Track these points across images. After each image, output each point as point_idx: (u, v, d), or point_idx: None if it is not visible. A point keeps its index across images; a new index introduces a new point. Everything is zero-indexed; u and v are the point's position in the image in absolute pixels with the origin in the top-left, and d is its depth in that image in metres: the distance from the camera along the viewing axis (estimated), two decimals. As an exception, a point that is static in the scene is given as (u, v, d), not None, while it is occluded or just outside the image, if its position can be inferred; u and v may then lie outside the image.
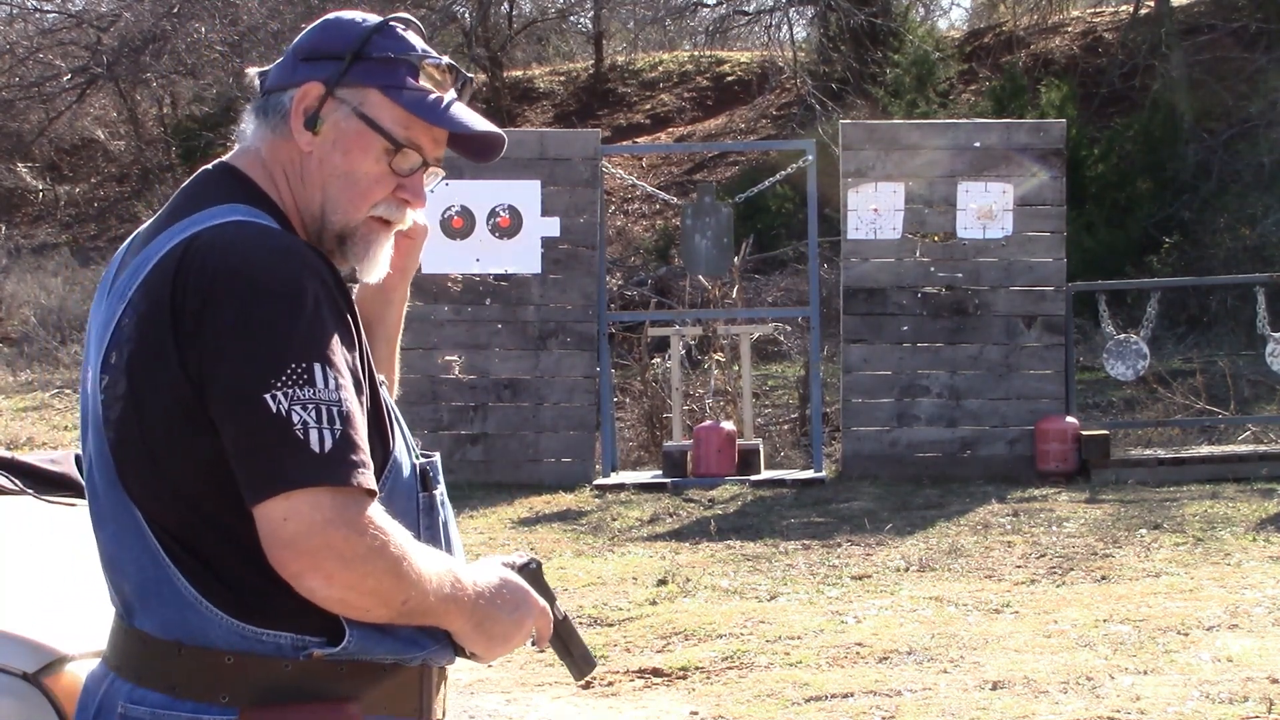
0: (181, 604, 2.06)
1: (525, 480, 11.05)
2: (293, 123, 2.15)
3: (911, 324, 11.29)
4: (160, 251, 2.07)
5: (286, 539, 1.97)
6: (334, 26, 2.19)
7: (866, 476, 10.98)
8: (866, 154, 11.37)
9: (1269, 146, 17.83)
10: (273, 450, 1.97)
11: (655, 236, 20.38)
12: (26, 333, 18.88)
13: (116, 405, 2.07)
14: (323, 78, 2.14)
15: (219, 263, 2.02)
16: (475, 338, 11.40)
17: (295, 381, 1.98)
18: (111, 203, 25.11)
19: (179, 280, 2.03)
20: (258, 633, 2.05)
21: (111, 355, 2.07)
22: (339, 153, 2.15)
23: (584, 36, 28.97)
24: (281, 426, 1.97)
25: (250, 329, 1.99)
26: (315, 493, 1.97)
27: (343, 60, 2.14)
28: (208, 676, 2.06)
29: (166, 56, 23.74)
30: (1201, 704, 5.47)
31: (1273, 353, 11.23)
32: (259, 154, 2.18)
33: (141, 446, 2.05)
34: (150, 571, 2.07)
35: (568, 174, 11.50)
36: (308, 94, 2.14)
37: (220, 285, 2.01)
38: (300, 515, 1.96)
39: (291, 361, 1.98)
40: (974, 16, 27.81)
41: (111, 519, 2.11)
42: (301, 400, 1.98)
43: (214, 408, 2.00)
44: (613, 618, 7.21)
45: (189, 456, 2.04)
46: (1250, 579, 7.48)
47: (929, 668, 6.10)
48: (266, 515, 1.97)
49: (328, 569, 1.98)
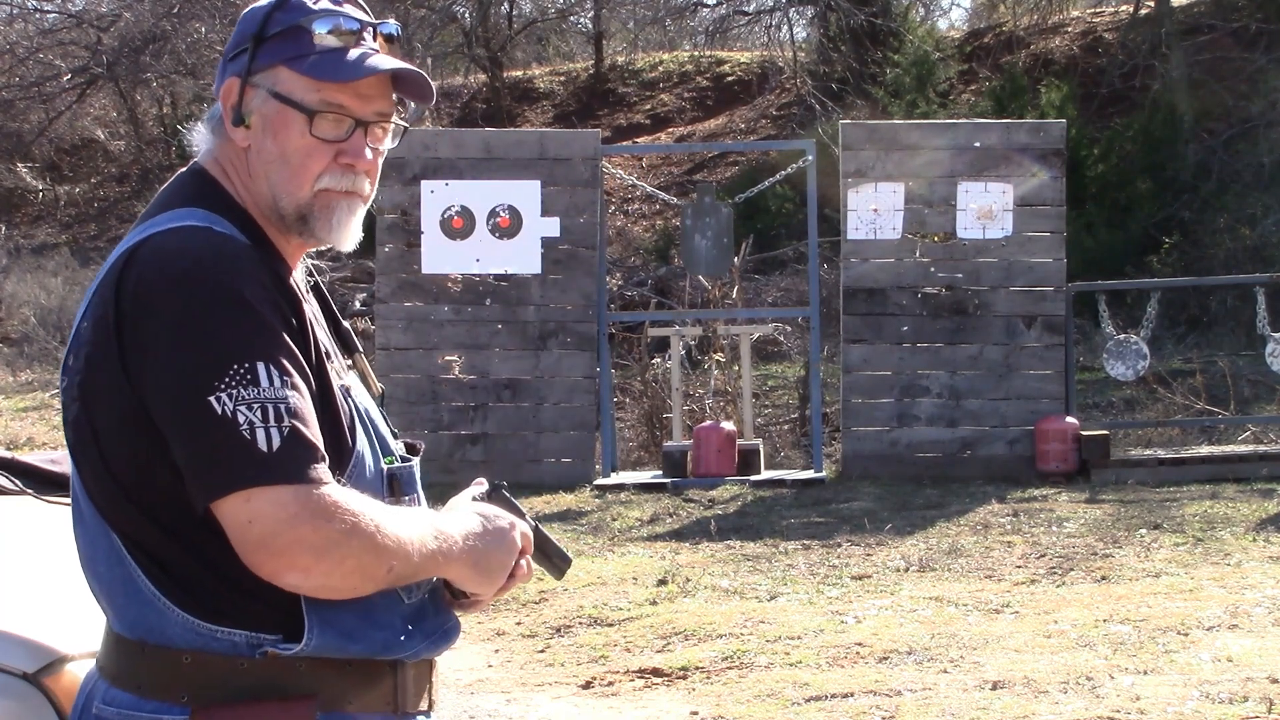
0: (142, 601, 2.08)
1: (525, 480, 11.04)
2: (226, 123, 2.17)
3: (911, 324, 11.29)
4: (114, 256, 2.11)
5: (256, 541, 1.98)
6: (244, 18, 2.19)
7: (866, 476, 10.98)
8: (866, 154, 11.37)
9: (1269, 146, 17.83)
10: (220, 452, 1.97)
11: (655, 236, 20.39)
12: (26, 333, 18.88)
13: (73, 406, 2.10)
14: (238, 71, 2.16)
15: (156, 269, 2.03)
16: (475, 338, 11.40)
17: (239, 382, 1.98)
18: (111, 203, 25.11)
19: (122, 286, 2.05)
20: (213, 630, 2.06)
21: (70, 357, 2.11)
22: (269, 138, 2.15)
23: (584, 36, 28.97)
24: (228, 428, 1.97)
25: (189, 333, 1.99)
26: (274, 490, 1.97)
27: (246, 48, 2.16)
28: (168, 676, 2.07)
29: (166, 56, 23.75)
30: (1201, 704, 5.47)
31: (1273, 353, 11.23)
32: (214, 158, 2.21)
33: (93, 448, 2.08)
34: (117, 570, 2.09)
35: (568, 174, 11.50)
36: (230, 91, 2.16)
37: (157, 291, 2.02)
38: (264, 516, 1.97)
39: (234, 362, 1.98)
40: (974, 16, 27.82)
41: (82, 518, 2.14)
42: (246, 400, 1.97)
43: (157, 414, 2.01)
44: (613, 618, 7.22)
45: (134, 460, 2.05)
46: (1250, 579, 7.48)
47: (929, 668, 6.10)
48: (229, 519, 1.99)
49: (303, 563, 1.98)
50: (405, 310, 11.44)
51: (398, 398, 11.32)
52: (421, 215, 11.40)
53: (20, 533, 3.48)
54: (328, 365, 2.13)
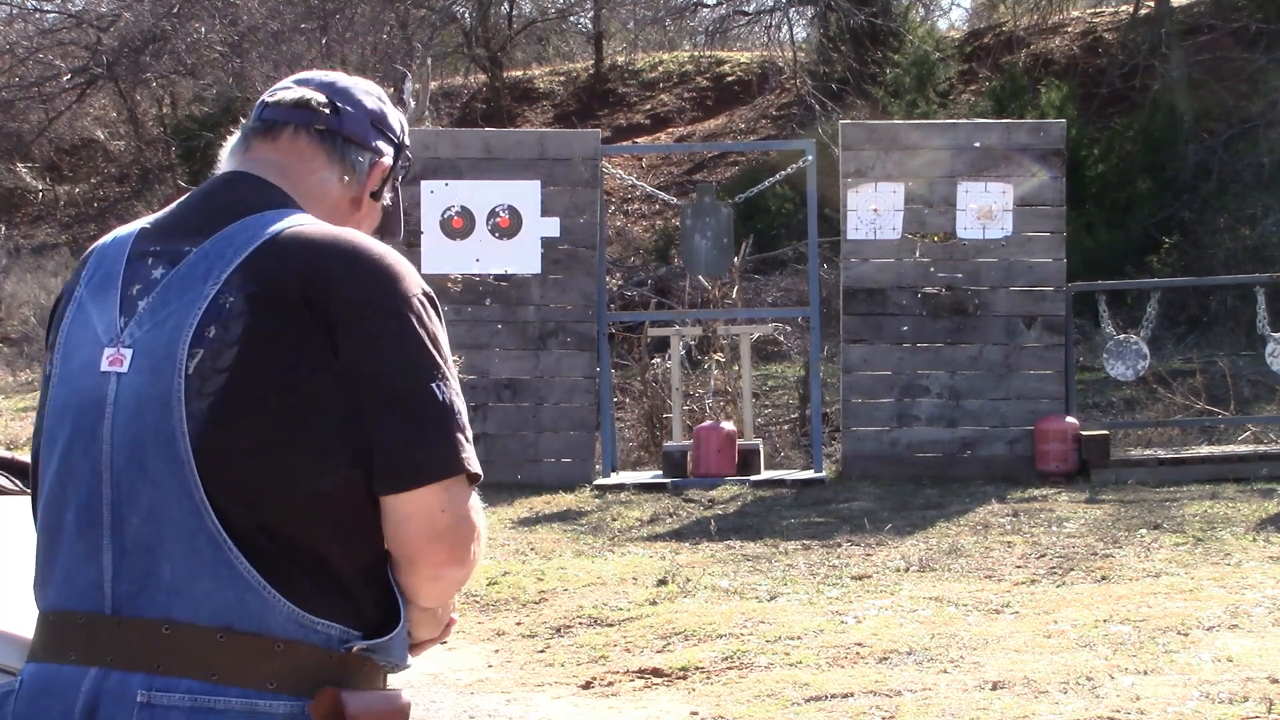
0: (242, 587, 2.05)
1: (525, 480, 11.05)
2: (366, 189, 2.34)
3: (911, 324, 11.29)
4: (253, 238, 2.14)
5: (441, 530, 2.08)
6: (390, 107, 2.40)
7: (866, 476, 10.98)
8: (866, 154, 11.37)
9: (1269, 146, 17.84)
10: (440, 438, 2.08)
11: (655, 236, 20.39)
12: (26, 333, 18.89)
13: (217, 377, 2.06)
14: (389, 159, 2.37)
15: (359, 258, 2.14)
16: (475, 338, 11.40)
17: (448, 374, 2.13)
18: (111, 203, 25.10)
19: (308, 265, 2.10)
20: (314, 622, 2.07)
21: (209, 329, 2.08)
22: (366, 223, 2.36)
23: (584, 36, 28.97)
24: (447, 416, 2.09)
25: (410, 326, 2.12)
26: (460, 482, 2.10)
27: (396, 147, 2.39)
28: (255, 662, 2.05)
29: (166, 56, 23.74)
30: (1201, 704, 5.47)
31: (1273, 353, 11.23)
32: (320, 190, 2.30)
33: (246, 419, 2.06)
34: (206, 553, 2.05)
35: (568, 174, 11.50)
36: (385, 170, 2.37)
37: (367, 266, 2.13)
38: (456, 505, 2.09)
39: (441, 358, 2.13)
40: (974, 17, 27.81)
41: (151, 498, 2.07)
42: (457, 391, 2.13)
43: (374, 394, 2.07)
44: (613, 618, 7.21)
45: (308, 434, 2.06)
46: (1250, 579, 7.48)
47: (929, 668, 6.10)
48: (422, 504, 2.07)
49: (464, 555, 2.12)
50: (405, 310, 11.43)
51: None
52: (421, 215, 11.40)
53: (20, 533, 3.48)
54: None
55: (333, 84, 2.36)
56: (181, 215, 2.22)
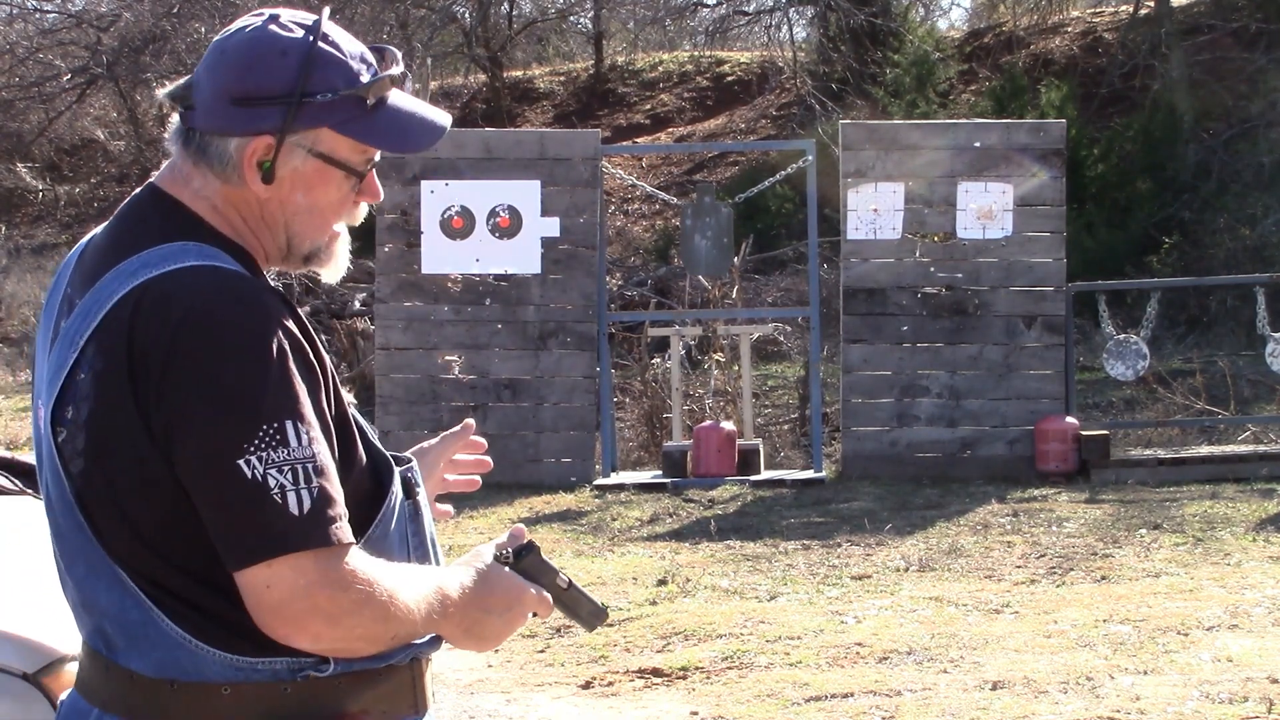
0: (171, 644, 2.03)
1: (525, 480, 11.04)
2: (246, 175, 2.06)
3: (911, 324, 11.29)
4: (111, 298, 2.01)
5: (271, 606, 1.95)
6: (260, 64, 2.04)
7: (866, 476, 10.98)
8: (866, 154, 11.37)
9: (1269, 146, 17.84)
10: (252, 518, 1.93)
11: (655, 236, 20.39)
12: (26, 333, 18.89)
13: (77, 460, 2.02)
14: (269, 129, 2.05)
15: (179, 318, 1.95)
16: (475, 338, 11.40)
17: (269, 444, 1.93)
18: (111, 203, 25.09)
19: (135, 335, 1.97)
20: (253, 662, 2.03)
21: (67, 410, 2.02)
22: (300, 192, 2.09)
23: (584, 36, 28.97)
24: (259, 494, 1.92)
25: (218, 390, 1.94)
26: (297, 557, 1.93)
27: (284, 105, 2.04)
28: (206, 709, 2.04)
29: (166, 56, 23.74)
30: (1201, 704, 5.47)
31: (1273, 353, 11.23)
32: (209, 199, 2.09)
33: (108, 502, 2.01)
34: (134, 614, 2.03)
35: (568, 174, 11.50)
36: (257, 149, 2.06)
37: (183, 342, 1.95)
38: (284, 581, 1.93)
39: (263, 423, 1.93)
40: (974, 17, 27.82)
41: (81, 561, 2.07)
42: (277, 463, 1.93)
43: (183, 472, 1.96)
44: (613, 618, 7.21)
45: (155, 511, 2.00)
46: (1250, 579, 7.48)
47: (929, 668, 6.10)
48: (249, 583, 1.95)
49: (315, 630, 1.97)
50: (405, 310, 11.44)
51: (397, 398, 11.33)
52: (421, 215, 11.39)
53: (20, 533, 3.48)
54: (341, 390, 2.11)
55: (209, 56, 2.08)
56: (97, 244, 2.11)
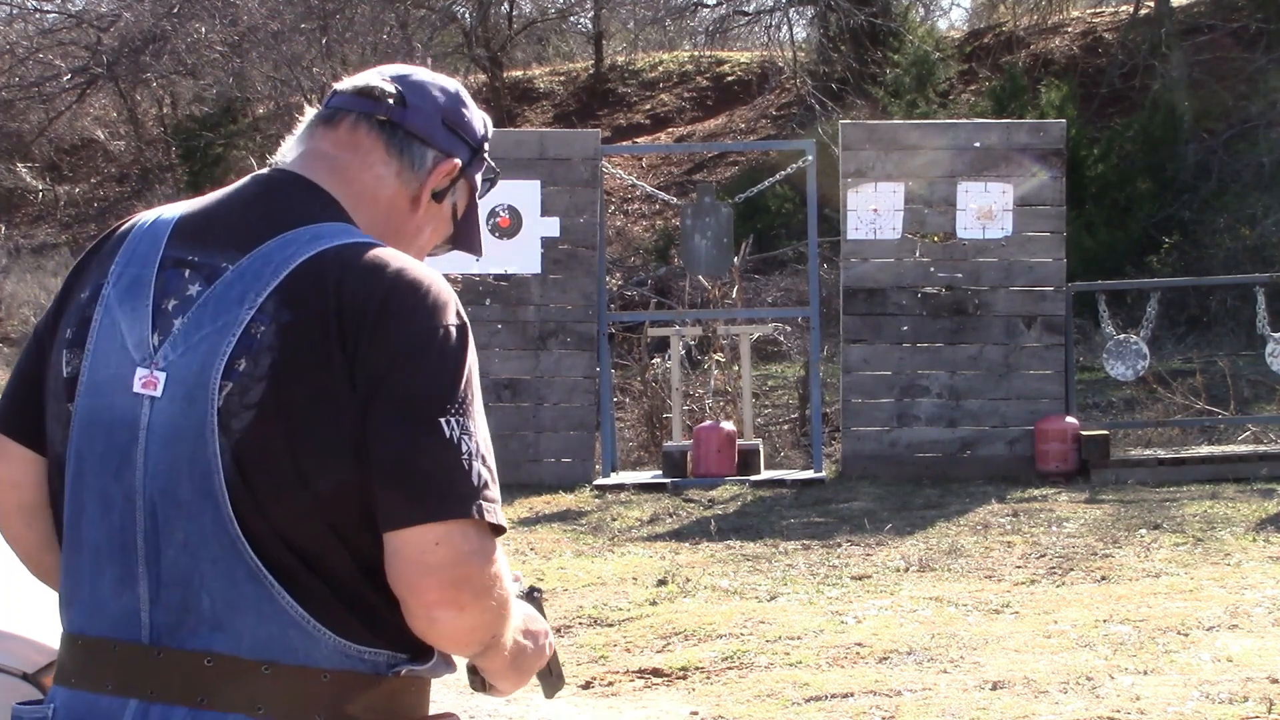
0: (284, 622, 1.99)
1: (525, 480, 11.05)
2: (427, 185, 2.21)
3: (911, 324, 11.29)
4: (291, 260, 2.03)
5: (433, 565, 1.95)
6: (468, 106, 2.27)
7: (866, 476, 10.98)
8: (866, 154, 11.37)
9: (1269, 146, 17.84)
10: (440, 477, 1.96)
11: (655, 236, 20.39)
12: (26, 333, 18.88)
13: (245, 413, 1.99)
14: (461, 159, 2.24)
15: (394, 276, 2.02)
16: (475, 338, 11.24)
17: (462, 411, 1.99)
18: (111, 203, 25.10)
19: (344, 290, 2.00)
20: (361, 651, 2.02)
21: (239, 363, 2.00)
22: (429, 227, 2.25)
23: (584, 36, 28.97)
24: (452, 455, 1.97)
25: (431, 348, 2.01)
26: (466, 524, 1.96)
27: (472, 150, 2.25)
28: (301, 695, 2.00)
29: (166, 56, 23.74)
30: (1201, 704, 5.47)
31: (1273, 353, 11.23)
32: (371, 191, 2.19)
33: (280, 455, 1.99)
34: (246, 587, 1.99)
35: (568, 174, 11.50)
36: (451, 170, 2.23)
37: (398, 300, 2.01)
38: (452, 543, 1.95)
39: (461, 391, 2.00)
40: (974, 16, 27.82)
41: (186, 530, 2.01)
42: (467, 431, 1.99)
43: (379, 421, 1.97)
44: (613, 618, 7.21)
45: (332, 469, 1.98)
46: (1250, 579, 7.48)
47: (929, 668, 6.10)
48: (414, 539, 1.95)
49: (463, 600, 1.97)
50: (405, 310, 11.44)
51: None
52: (421, 215, 11.40)
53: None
54: None
55: (406, 76, 2.23)
56: (220, 218, 2.12)
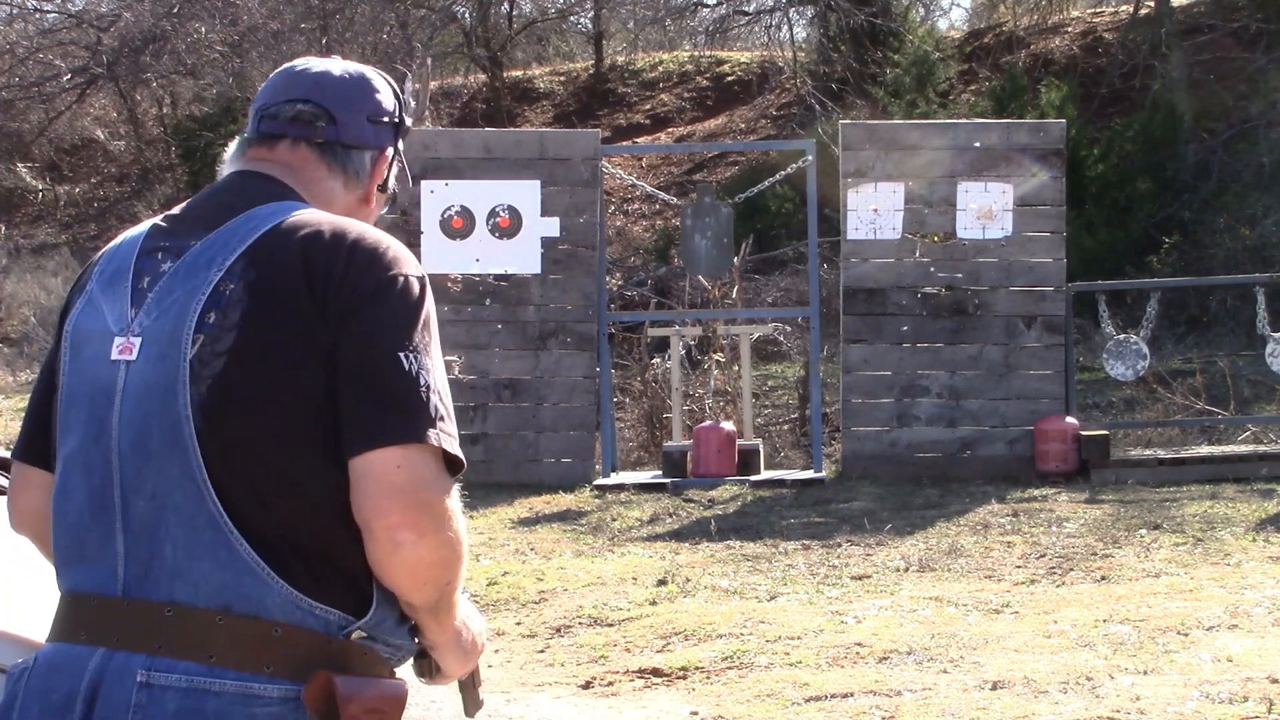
0: (240, 569, 2.08)
1: (525, 480, 11.05)
2: (372, 185, 2.39)
3: (911, 324, 11.29)
4: (256, 229, 2.18)
5: (395, 486, 2.06)
6: (384, 87, 2.41)
7: (866, 476, 10.98)
8: (866, 154, 11.37)
9: (1269, 146, 17.84)
10: (402, 404, 2.08)
11: (655, 236, 20.39)
12: (26, 333, 18.89)
13: (215, 361, 2.11)
14: (391, 144, 2.40)
15: (356, 236, 2.17)
16: (475, 338, 11.39)
17: (420, 350, 2.12)
18: (111, 203, 25.10)
19: (310, 248, 2.14)
20: (313, 606, 2.09)
21: (209, 315, 2.12)
22: (377, 211, 2.42)
23: (584, 36, 28.97)
24: (412, 385, 2.09)
25: (392, 293, 2.13)
26: (424, 450, 2.07)
27: (394, 125, 2.41)
28: (252, 646, 2.07)
29: (166, 56, 23.74)
30: (1201, 704, 5.47)
31: (1273, 353, 11.23)
32: (329, 199, 2.33)
33: (246, 399, 2.10)
34: (205, 534, 2.08)
35: (568, 174, 11.50)
36: (388, 160, 2.40)
37: (361, 254, 2.15)
38: (414, 466, 2.06)
39: (418, 331, 2.14)
40: (974, 16, 27.82)
41: (155, 482, 2.11)
42: (426, 367, 2.12)
43: (346, 356, 2.10)
44: (613, 618, 7.21)
45: (303, 410, 2.09)
46: (1250, 579, 7.48)
47: (929, 668, 6.10)
48: (378, 460, 2.06)
49: (424, 524, 2.06)
50: (405, 310, 11.43)
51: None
52: (421, 215, 11.39)
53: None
54: None
55: (322, 86, 2.35)
56: (190, 212, 2.28)
